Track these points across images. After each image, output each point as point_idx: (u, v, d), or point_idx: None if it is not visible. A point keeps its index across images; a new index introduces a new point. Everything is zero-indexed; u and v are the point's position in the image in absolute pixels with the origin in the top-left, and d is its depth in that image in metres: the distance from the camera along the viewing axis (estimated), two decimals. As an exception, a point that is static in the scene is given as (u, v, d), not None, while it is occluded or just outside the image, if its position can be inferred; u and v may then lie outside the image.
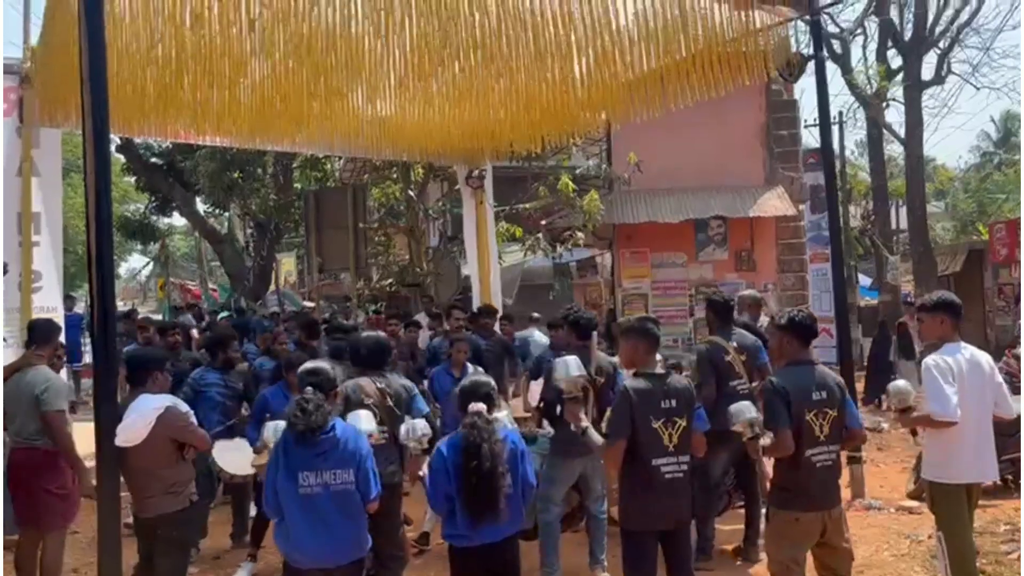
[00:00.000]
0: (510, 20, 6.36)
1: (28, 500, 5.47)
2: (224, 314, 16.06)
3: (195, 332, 11.99)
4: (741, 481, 6.54)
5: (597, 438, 4.48)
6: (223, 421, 6.56)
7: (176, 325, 9.45)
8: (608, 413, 4.48)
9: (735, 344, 6.35)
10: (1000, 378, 4.90)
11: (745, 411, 4.40)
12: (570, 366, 4.69)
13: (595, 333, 5.65)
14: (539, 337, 9.99)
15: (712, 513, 6.33)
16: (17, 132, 7.76)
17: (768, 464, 4.96)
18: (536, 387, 6.52)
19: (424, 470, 4.79)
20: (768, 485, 7.45)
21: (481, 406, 4.34)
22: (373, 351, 5.46)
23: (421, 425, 5.00)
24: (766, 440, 4.35)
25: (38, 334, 5.83)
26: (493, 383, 4.64)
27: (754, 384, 6.23)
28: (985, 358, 4.84)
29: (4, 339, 6.91)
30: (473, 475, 4.15)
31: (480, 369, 7.38)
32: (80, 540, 6.78)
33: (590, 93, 7.77)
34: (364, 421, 4.60)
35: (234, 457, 6.07)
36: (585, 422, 4.59)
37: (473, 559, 4.32)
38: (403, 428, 5.04)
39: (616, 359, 5.85)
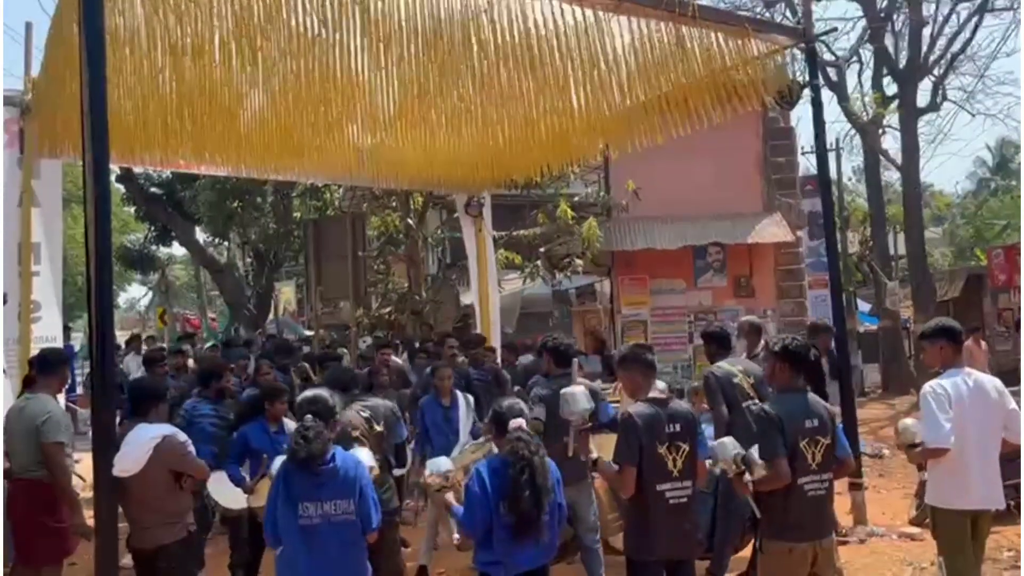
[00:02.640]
0: (508, 51, 6.41)
1: (24, 533, 5.39)
2: (210, 344, 15.98)
3: (191, 362, 11.95)
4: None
5: (609, 467, 4.45)
6: (215, 452, 6.51)
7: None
8: (617, 441, 4.45)
9: (741, 368, 6.34)
10: (1013, 403, 4.82)
11: (729, 447, 4.33)
12: (577, 398, 4.66)
13: (576, 360, 5.64)
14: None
15: (732, 539, 6.26)
16: (18, 163, 7.80)
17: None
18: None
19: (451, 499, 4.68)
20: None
21: (521, 422, 4.31)
22: (337, 380, 5.52)
23: (445, 463, 4.95)
24: (760, 472, 4.27)
25: (40, 364, 5.81)
26: (524, 405, 4.63)
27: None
28: (992, 383, 4.80)
29: (4, 370, 6.89)
30: (526, 488, 4.05)
31: (471, 398, 7.36)
32: (78, 572, 6.72)
33: (588, 122, 7.82)
34: (364, 456, 4.57)
35: (229, 490, 6.03)
36: (595, 453, 4.56)
37: None
38: (429, 465, 5.00)
39: (596, 385, 5.90)
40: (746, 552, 6.35)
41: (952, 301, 18.59)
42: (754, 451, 4.24)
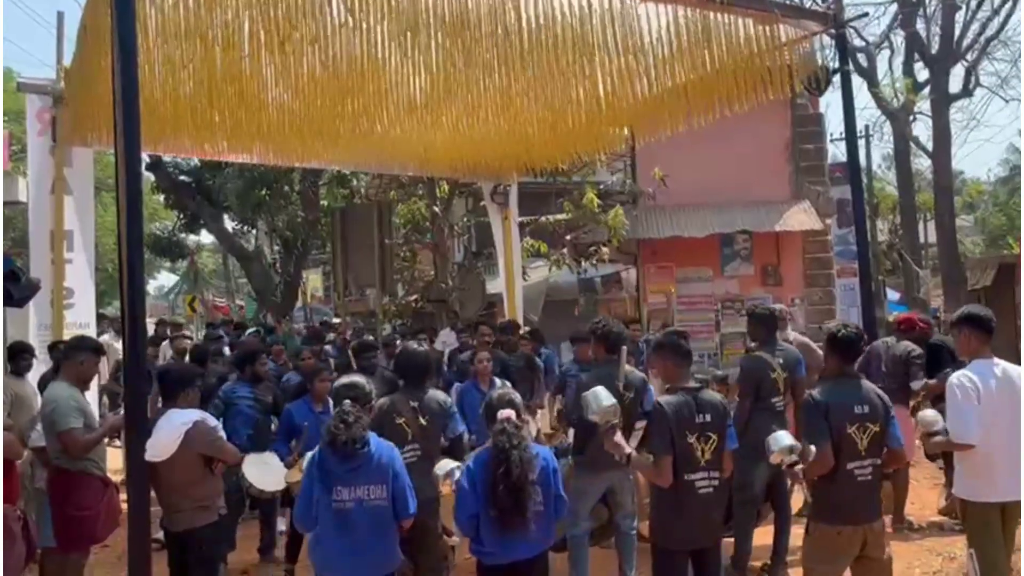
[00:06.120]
0: (534, 39, 6.39)
1: (53, 519, 5.47)
2: (252, 330, 16.12)
3: (227, 350, 12.12)
4: (773, 498, 6.47)
5: (644, 461, 4.45)
6: (252, 435, 6.63)
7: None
8: (650, 432, 4.45)
9: (780, 360, 6.30)
10: None
11: (782, 440, 4.38)
12: (600, 397, 4.63)
13: (624, 347, 5.59)
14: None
15: (750, 527, 6.27)
16: (50, 151, 7.91)
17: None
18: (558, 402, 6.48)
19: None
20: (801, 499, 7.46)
21: (510, 412, 4.31)
22: (413, 367, 5.40)
23: (448, 466, 4.97)
24: (804, 464, 4.34)
25: (55, 351, 5.90)
26: (518, 395, 4.61)
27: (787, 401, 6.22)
28: (1017, 373, 4.73)
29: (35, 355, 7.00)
30: (501, 482, 4.06)
31: (508, 384, 7.38)
32: (110, 555, 6.83)
33: (615, 110, 7.79)
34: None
35: (263, 472, 6.11)
36: (628, 449, 4.55)
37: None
38: (436, 469, 5.02)
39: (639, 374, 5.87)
40: (768, 540, 6.35)
41: (983, 290, 18.33)
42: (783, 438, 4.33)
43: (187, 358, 9.63)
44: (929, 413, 4.93)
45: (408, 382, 5.38)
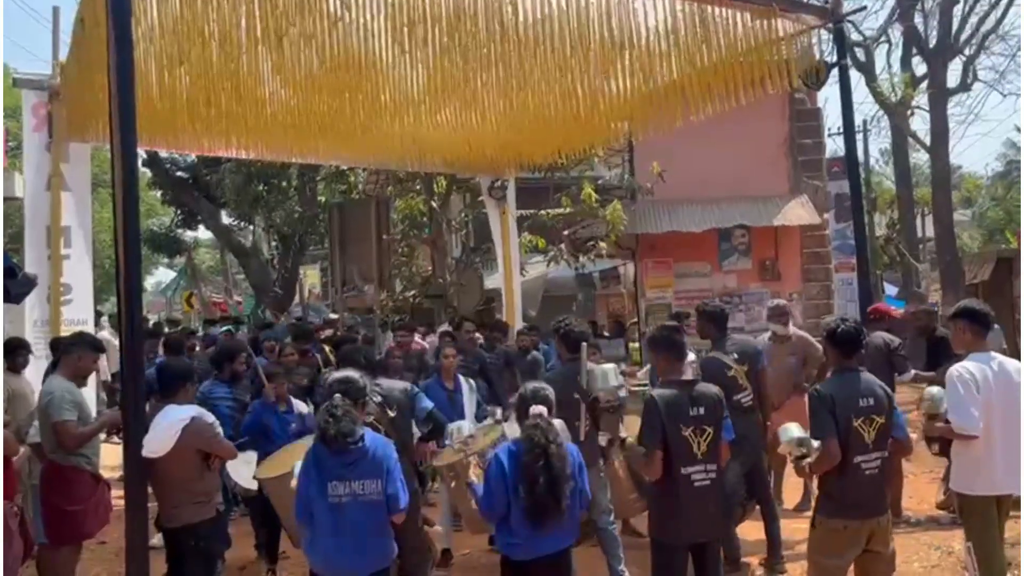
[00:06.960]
0: (531, 33, 6.38)
1: (45, 513, 5.46)
2: (223, 328, 15.99)
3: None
4: (753, 492, 6.45)
5: (637, 450, 4.45)
6: (231, 435, 6.59)
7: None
8: (641, 425, 4.45)
9: (735, 356, 6.25)
10: None
11: (792, 431, 4.37)
12: (609, 375, 4.61)
13: (584, 345, 5.59)
14: None
15: (732, 523, 6.26)
16: (46, 147, 7.88)
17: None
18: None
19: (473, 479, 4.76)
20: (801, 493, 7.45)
21: (542, 409, 4.31)
22: (355, 364, 5.32)
23: (467, 426, 5.00)
24: (811, 458, 4.32)
25: (53, 347, 5.88)
26: (552, 391, 4.58)
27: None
28: (1015, 366, 4.74)
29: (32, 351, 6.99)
30: (541, 474, 4.09)
31: (472, 382, 7.35)
32: (108, 550, 6.82)
33: (612, 104, 7.78)
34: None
35: (247, 471, 6.10)
36: (624, 433, 4.56)
37: (529, 572, 4.29)
38: (449, 429, 5.07)
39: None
40: (762, 534, 6.35)
41: (981, 284, 18.35)
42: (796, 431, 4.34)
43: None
44: (935, 390, 4.85)
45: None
